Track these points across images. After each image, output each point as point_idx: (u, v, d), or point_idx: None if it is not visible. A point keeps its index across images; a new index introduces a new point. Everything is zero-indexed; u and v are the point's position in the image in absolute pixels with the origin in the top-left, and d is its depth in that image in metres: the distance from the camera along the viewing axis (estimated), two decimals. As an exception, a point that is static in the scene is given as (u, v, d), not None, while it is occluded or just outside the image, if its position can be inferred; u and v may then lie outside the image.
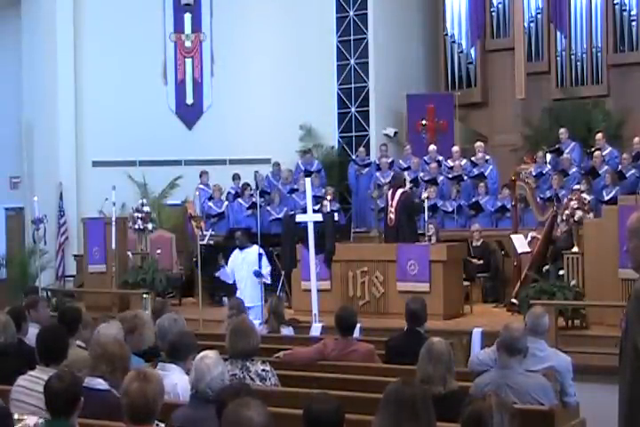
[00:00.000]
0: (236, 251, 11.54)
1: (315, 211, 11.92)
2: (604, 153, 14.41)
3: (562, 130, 15.17)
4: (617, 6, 16.31)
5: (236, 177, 16.42)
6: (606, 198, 13.39)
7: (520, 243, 12.27)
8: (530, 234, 12.46)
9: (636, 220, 3.77)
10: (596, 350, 9.46)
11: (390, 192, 13.14)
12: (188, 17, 17.98)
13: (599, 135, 14.70)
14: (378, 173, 16.15)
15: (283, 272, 12.65)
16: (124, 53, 17.16)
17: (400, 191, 12.98)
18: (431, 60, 18.29)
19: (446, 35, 17.94)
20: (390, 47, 17.54)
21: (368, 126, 17.59)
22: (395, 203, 12.83)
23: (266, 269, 11.24)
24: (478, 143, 15.76)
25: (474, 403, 3.40)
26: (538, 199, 13.19)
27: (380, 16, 17.43)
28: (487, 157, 15.49)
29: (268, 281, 11.50)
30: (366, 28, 17.48)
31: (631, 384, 3.36)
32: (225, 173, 16.58)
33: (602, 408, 7.29)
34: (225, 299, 12.40)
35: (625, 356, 3.41)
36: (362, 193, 16.50)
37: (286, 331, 9.10)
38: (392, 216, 12.86)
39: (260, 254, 11.16)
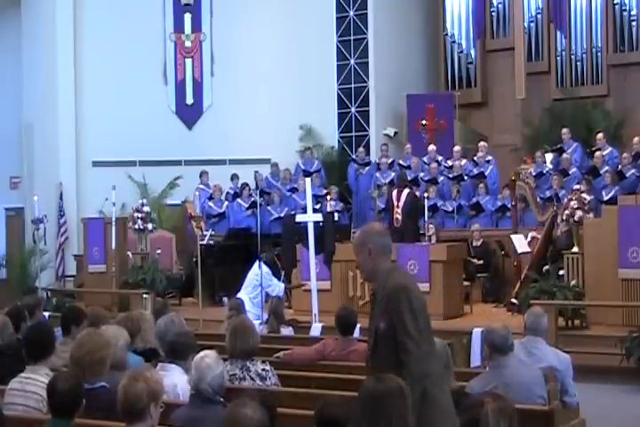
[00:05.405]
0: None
1: (315, 210, 11.91)
2: (604, 153, 14.40)
3: (564, 130, 15.14)
4: (617, 6, 16.31)
5: (234, 177, 16.42)
6: (606, 198, 13.38)
7: (520, 243, 12.27)
8: (530, 234, 12.46)
9: (360, 235, 4.18)
10: (596, 350, 9.48)
11: (395, 192, 13.10)
12: (187, 17, 17.97)
13: (600, 135, 14.69)
14: (377, 174, 16.14)
15: (283, 272, 12.64)
16: (124, 53, 17.15)
17: (406, 192, 12.96)
18: (431, 60, 18.29)
19: (446, 35, 17.94)
20: (390, 47, 17.53)
21: (368, 126, 17.58)
22: (401, 204, 12.81)
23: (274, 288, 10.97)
24: (482, 143, 15.75)
25: (470, 410, 3.37)
26: (538, 199, 13.19)
27: (379, 16, 17.42)
28: (489, 158, 15.46)
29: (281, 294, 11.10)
30: (366, 28, 17.48)
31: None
32: (225, 172, 16.57)
33: (602, 408, 7.33)
34: (225, 299, 12.41)
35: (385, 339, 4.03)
36: (362, 193, 16.47)
37: (286, 331, 9.10)
38: (398, 217, 12.85)
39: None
